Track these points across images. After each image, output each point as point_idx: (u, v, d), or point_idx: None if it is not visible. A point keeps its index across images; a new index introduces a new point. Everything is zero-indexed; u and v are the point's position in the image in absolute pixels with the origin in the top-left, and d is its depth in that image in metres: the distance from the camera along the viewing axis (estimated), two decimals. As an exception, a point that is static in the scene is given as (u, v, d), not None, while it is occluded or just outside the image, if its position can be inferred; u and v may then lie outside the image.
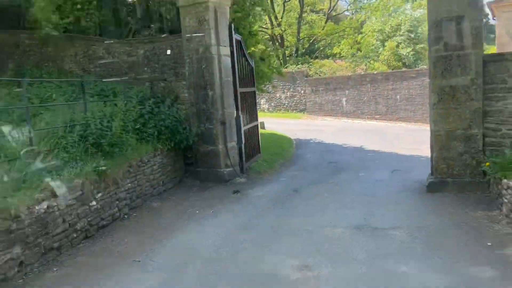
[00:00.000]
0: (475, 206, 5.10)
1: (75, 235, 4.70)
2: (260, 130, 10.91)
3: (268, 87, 13.86)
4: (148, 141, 6.61)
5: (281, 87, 22.66)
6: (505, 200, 4.67)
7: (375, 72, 19.87)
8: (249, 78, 9.17)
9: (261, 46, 10.25)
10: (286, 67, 23.54)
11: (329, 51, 30.11)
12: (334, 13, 31.20)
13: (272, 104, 23.56)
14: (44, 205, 4.26)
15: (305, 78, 22.14)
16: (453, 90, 5.84)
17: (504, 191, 4.73)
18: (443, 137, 5.99)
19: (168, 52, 7.67)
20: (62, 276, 3.88)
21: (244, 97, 8.59)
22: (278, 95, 23.10)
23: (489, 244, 3.96)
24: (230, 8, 8.01)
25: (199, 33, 7.42)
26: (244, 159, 8.18)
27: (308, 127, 17.51)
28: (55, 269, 4.03)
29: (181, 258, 4.18)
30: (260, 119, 10.93)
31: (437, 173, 6.08)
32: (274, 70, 11.11)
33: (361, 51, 24.87)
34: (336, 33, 28.41)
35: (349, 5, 31.38)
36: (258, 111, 10.04)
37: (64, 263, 4.17)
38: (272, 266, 3.83)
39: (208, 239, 4.67)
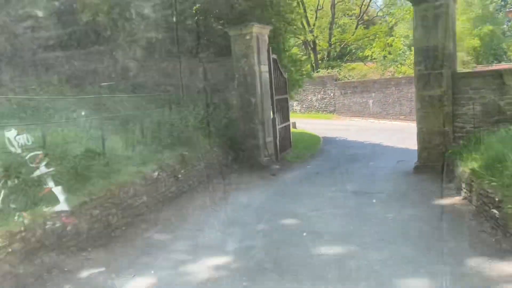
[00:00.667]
0: (440, 181, 7.39)
1: (169, 195, 7.45)
2: (292, 129, 13.48)
3: (300, 92, 16.34)
4: (210, 136, 9.34)
5: (312, 90, 25.04)
6: (456, 175, 6.95)
7: (400, 76, 21.83)
8: (283, 87, 11.75)
9: (294, 51, 12.74)
10: (317, 72, 25.87)
11: (361, 53, 31.96)
12: (366, 17, 32.98)
13: (304, 106, 25.96)
14: (155, 174, 7.03)
15: (335, 82, 24.39)
16: (431, 98, 8.13)
17: (455, 169, 7.02)
18: (425, 133, 8.29)
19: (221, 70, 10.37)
20: (173, 210, 6.60)
21: (278, 103, 11.17)
22: (309, 97, 25.48)
23: (433, 201, 6.30)
24: (268, 35, 10.60)
25: (245, 55, 10.07)
26: (278, 150, 10.76)
27: (336, 126, 19.79)
28: (165, 208, 6.76)
29: (239, 208, 6.79)
30: (292, 120, 13.48)
31: (420, 159, 8.39)
32: (305, 76, 13.64)
33: (391, 54, 26.67)
34: (367, 37, 30.29)
35: (379, 10, 33.13)
36: (290, 113, 12.60)
37: (169, 207, 6.90)
38: (295, 210, 6.37)
39: (256, 199, 7.26)
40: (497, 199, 4.79)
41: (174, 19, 10.56)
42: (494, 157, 5.46)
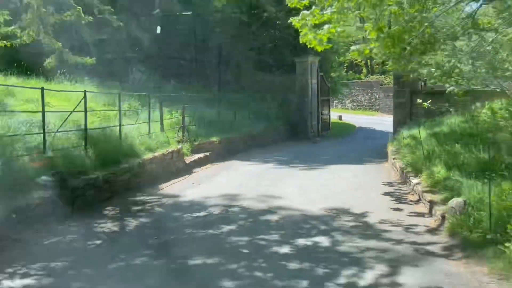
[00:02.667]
0: (396, 145, 14.88)
1: (262, 143, 15.84)
2: (338, 121, 21.42)
3: (343, 94, 24.16)
4: (281, 119, 17.65)
5: (361, 91, 32.35)
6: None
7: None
8: (326, 92, 19.73)
9: (335, 74, 20.65)
10: (367, 77, 33.06)
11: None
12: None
13: (354, 104, 33.34)
14: (256, 131, 15.48)
15: (380, 86, 31.46)
16: (400, 104, 15.64)
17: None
18: (397, 122, 15.81)
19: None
20: (263, 148, 14.95)
21: (322, 102, 19.17)
22: (359, 97, 32.80)
23: (385, 182, 13.92)
24: (318, 61, 18.61)
25: (302, 74, 18.21)
26: (319, 130, 18.78)
27: (374, 121, 27.10)
28: (260, 147, 15.14)
29: (293, 150, 14.89)
30: (340, 114, 21.49)
31: (392, 138, 15.96)
32: (342, 87, 21.45)
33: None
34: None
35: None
36: (341, 109, 20.52)
37: (262, 148, 15.22)
38: (322, 152, 14.34)
39: (303, 149, 15.33)
40: (394, 159, 12.37)
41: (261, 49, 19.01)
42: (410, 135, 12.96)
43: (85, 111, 7.56)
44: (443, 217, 5.03)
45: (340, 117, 26.55)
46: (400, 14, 6.81)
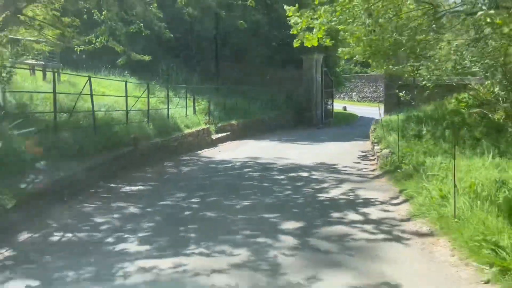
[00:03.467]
0: (385, 130, 17.94)
1: (271, 128, 19.07)
2: (342, 111, 24.53)
3: (345, 87, 27.18)
4: (289, 107, 20.84)
5: (367, 84, 35.25)
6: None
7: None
8: (330, 85, 22.83)
9: (339, 69, 23.68)
10: (373, 70, 35.85)
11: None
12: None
13: (360, 96, 36.26)
14: (266, 117, 18.73)
15: (384, 79, 34.26)
16: (390, 95, 18.68)
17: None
18: (387, 110, 18.85)
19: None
20: (272, 132, 18.16)
21: (326, 94, 22.29)
22: (364, 90, 35.70)
23: (361, 150, 17.01)
24: (322, 58, 21.69)
25: (309, 69, 21.34)
26: (323, 118, 21.91)
27: (375, 111, 29.93)
28: (269, 131, 18.37)
29: (299, 133, 18.07)
30: (346, 105, 24.50)
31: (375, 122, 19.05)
32: (344, 80, 24.48)
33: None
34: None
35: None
36: (348, 101, 23.61)
37: (271, 132, 18.43)
38: (323, 134, 17.49)
39: (308, 133, 18.49)
40: (371, 136, 15.44)
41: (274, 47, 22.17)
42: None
43: (148, 97, 10.91)
44: (378, 160, 8.22)
45: (344, 108, 29.58)
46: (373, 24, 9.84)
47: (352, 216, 5.36)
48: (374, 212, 5.47)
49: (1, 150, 5.68)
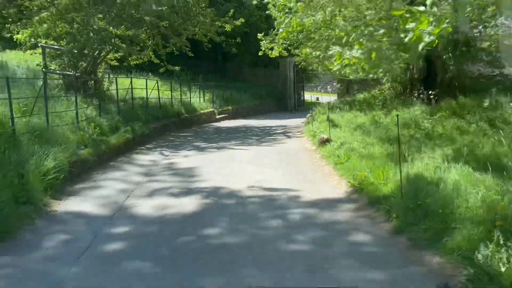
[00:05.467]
0: (336, 112, 26.05)
1: (256, 112, 27.10)
2: (314, 101, 32.65)
3: (315, 80, 35.28)
4: (271, 97, 28.91)
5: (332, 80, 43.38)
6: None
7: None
8: (301, 80, 30.97)
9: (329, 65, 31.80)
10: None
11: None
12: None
13: (333, 89, 44.41)
14: (255, 104, 26.78)
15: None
16: (341, 87, 26.81)
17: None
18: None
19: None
20: (257, 115, 26.17)
21: (298, 87, 30.43)
22: (335, 84, 43.83)
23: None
24: (294, 60, 29.77)
25: (284, 69, 29.42)
26: (295, 105, 30.03)
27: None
28: (255, 114, 26.39)
29: (278, 115, 26.07)
30: (318, 96, 32.61)
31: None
32: (314, 76, 32.59)
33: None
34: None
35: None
36: (323, 93, 31.68)
37: (259, 115, 26.44)
38: (295, 116, 25.50)
39: (285, 115, 26.50)
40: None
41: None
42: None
43: (180, 91, 18.89)
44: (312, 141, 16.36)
45: (317, 98, 37.70)
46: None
47: (280, 137, 13.46)
48: (290, 135, 13.55)
49: (134, 113, 13.68)
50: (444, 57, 13.56)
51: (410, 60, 16.22)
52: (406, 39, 5.33)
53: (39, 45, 14.26)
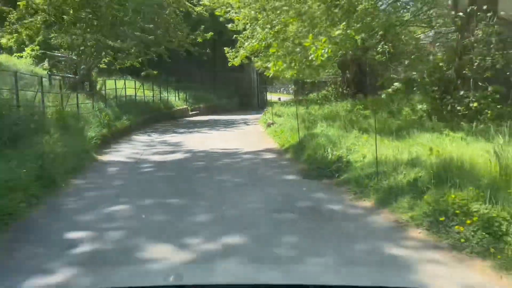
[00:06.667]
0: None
1: (218, 111, 31.34)
2: (276, 100, 37.21)
3: (275, 84, 39.91)
4: (237, 96, 33.19)
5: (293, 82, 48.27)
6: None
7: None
8: (264, 82, 35.50)
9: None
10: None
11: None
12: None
13: (292, 91, 49.25)
14: (221, 102, 30.99)
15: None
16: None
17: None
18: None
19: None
20: (215, 113, 30.40)
21: (261, 88, 34.93)
22: (291, 86, 48.71)
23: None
24: (256, 65, 34.25)
25: (248, 72, 33.82)
26: (259, 104, 34.50)
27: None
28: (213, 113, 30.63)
29: (245, 113, 30.34)
30: (280, 97, 37.12)
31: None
32: (274, 79, 37.23)
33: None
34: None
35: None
36: (286, 94, 36.18)
37: (217, 113, 30.66)
38: (252, 112, 29.87)
39: (247, 111, 30.82)
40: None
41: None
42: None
43: (160, 91, 22.90)
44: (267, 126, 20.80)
45: (279, 99, 42.32)
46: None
47: (241, 125, 17.79)
48: (249, 124, 17.88)
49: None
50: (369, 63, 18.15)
51: (341, 67, 20.75)
52: (310, 57, 9.84)
53: (47, 53, 18.02)
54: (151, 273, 3.61)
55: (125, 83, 19.45)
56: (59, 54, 18.45)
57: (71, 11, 16.62)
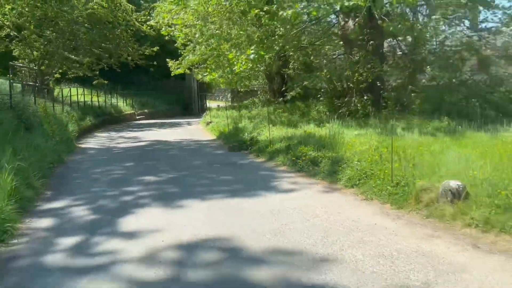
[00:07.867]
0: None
1: (166, 117, 34.78)
2: (215, 107, 41.29)
3: (216, 91, 44.12)
4: (179, 102, 36.82)
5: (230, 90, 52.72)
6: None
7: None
8: (204, 90, 39.41)
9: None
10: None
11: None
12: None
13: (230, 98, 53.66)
14: (168, 108, 34.43)
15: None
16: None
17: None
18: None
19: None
20: (160, 117, 33.88)
21: (200, 96, 38.81)
22: (228, 95, 53.18)
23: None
24: (195, 74, 38.09)
25: (189, 81, 37.60)
26: (199, 110, 38.32)
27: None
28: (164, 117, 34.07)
29: (183, 118, 33.95)
30: (219, 103, 41.28)
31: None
32: (212, 88, 41.30)
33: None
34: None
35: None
36: (223, 101, 40.17)
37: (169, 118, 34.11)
38: (191, 117, 33.61)
39: (187, 116, 34.50)
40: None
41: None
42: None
43: (110, 97, 26.03)
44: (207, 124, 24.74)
45: (218, 106, 46.38)
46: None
47: (185, 125, 21.60)
48: (192, 124, 21.72)
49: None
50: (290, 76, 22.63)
51: (268, 78, 25.17)
52: (234, 68, 13.96)
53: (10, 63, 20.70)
54: (145, 183, 7.47)
55: (84, 90, 22.48)
56: (20, 64, 21.19)
57: (32, 27, 19.54)
